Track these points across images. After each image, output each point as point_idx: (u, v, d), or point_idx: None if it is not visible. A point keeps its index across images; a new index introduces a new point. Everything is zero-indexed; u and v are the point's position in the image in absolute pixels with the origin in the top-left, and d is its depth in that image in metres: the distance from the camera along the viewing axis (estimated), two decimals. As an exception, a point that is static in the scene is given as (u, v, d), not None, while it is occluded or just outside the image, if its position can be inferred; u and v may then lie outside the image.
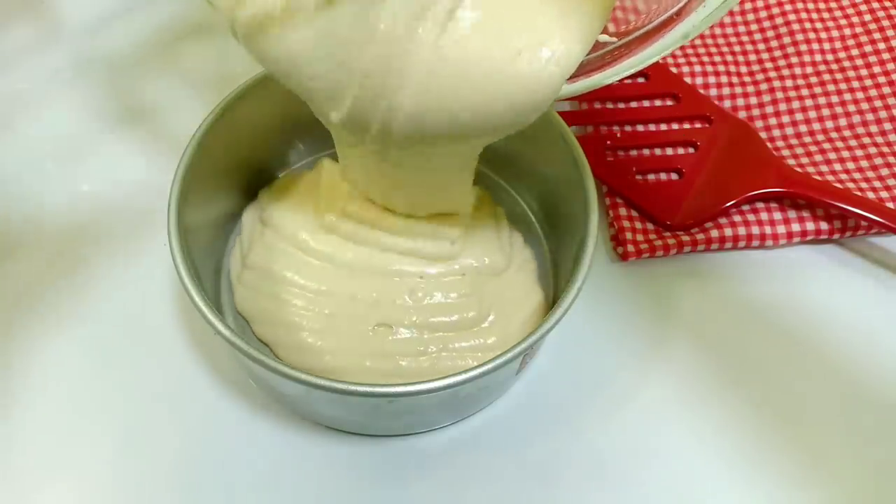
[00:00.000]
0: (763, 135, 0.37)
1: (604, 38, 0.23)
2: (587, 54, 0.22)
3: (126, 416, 0.30)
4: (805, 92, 0.38)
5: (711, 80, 0.39)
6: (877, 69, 0.39)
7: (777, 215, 0.35)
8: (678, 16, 0.21)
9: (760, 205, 0.35)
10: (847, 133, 0.37)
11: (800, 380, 0.32)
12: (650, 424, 0.31)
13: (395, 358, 0.30)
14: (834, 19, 0.40)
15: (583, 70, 0.22)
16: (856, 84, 0.38)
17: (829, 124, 0.38)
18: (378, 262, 0.31)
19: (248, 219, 0.33)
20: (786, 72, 0.39)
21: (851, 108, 0.38)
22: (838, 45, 0.40)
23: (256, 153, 0.33)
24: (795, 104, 0.38)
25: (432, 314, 0.31)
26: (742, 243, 0.34)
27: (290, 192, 0.33)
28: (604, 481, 0.29)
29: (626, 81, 0.38)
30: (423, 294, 0.31)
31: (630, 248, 0.34)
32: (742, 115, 0.38)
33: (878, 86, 0.38)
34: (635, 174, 0.36)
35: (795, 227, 0.34)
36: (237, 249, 0.33)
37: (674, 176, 0.36)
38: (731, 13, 0.41)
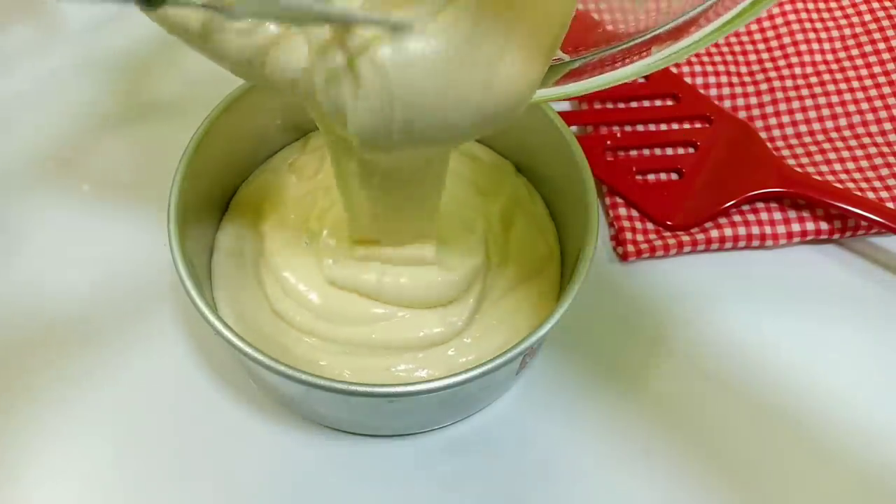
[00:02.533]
0: (763, 135, 0.37)
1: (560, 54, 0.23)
2: (576, 58, 0.22)
3: (126, 417, 0.30)
4: (805, 92, 0.38)
5: (711, 80, 0.39)
6: (877, 69, 0.39)
7: (777, 215, 0.35)
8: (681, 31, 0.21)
9: (760, 205, 0.35)
10: (847, 133, 0.37)
11: (801, 380, 0.32)
12: (649, 424, 0.31)
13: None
14: (834, 19, 0.40)
15: (576, 74, 0.22)
16: (856, 84, 0.38)
17: (829, 124, 0.38)
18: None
19: (224, 236, 0.32)
20: (786, 72, 0.39)
21: (851, 108, 0.38)
22: (838, 45, 0.40)
23: (256, 153, 0.33)
24: (795, 104, 0.38)
25: (451, 366, 0.29)
26: (742, 243, 0.34)
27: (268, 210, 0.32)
28: (603, 481, 0.29)
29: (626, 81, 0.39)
30: (442, 348, 0.29)
31: (630, 248, 0.34)
32: (742, 115, 0.38)
33: (878, 86, 0.38)
34: (635, 174, 0.36)
35: (795, 227, 0.34)
36: (221, 269, 0.31)
37: (674, 176, 0.36)
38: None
